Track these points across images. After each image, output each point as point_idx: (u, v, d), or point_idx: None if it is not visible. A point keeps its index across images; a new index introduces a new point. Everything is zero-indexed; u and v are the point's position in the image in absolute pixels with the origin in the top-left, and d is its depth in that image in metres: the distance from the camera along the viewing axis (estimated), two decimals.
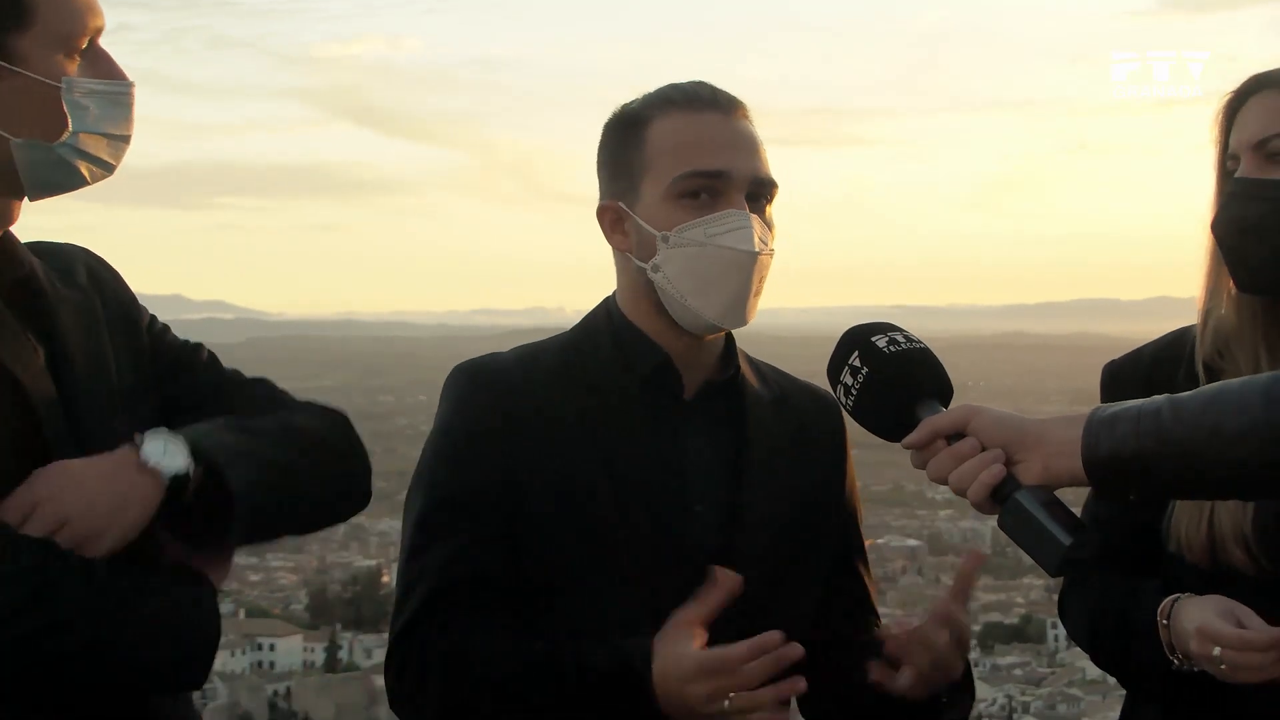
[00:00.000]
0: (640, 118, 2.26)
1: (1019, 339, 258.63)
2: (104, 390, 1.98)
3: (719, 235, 2.19)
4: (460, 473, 2.21)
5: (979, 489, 1.88)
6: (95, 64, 1.93)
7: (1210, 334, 2.40)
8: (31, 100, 1.87)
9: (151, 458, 1.84)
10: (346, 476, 2.10)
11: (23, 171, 1.89)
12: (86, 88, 1.90)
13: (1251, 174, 2.31)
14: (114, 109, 1.93)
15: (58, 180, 1.93)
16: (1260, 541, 2.25)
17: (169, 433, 1.87)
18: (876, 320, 2.04)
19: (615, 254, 2.31)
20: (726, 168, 2.20)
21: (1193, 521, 2.30)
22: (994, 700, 60.87)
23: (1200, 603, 2.22)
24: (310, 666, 73.23)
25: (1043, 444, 1.88)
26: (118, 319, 2.07)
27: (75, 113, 1.89)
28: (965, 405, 1.96)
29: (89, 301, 2.03)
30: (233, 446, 1.92)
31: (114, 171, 1.97)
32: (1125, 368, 2.51)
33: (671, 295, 2.22)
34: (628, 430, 2.22)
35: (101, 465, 1.84)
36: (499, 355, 2.31)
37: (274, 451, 1.96)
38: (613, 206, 2.27)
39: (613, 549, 2.18)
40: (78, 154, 1.91)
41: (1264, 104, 2.34)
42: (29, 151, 1.88)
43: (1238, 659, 2.13)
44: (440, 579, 2.18)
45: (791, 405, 2.36)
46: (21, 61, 1.86)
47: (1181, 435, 1.82)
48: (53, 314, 1.96)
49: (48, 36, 1.87)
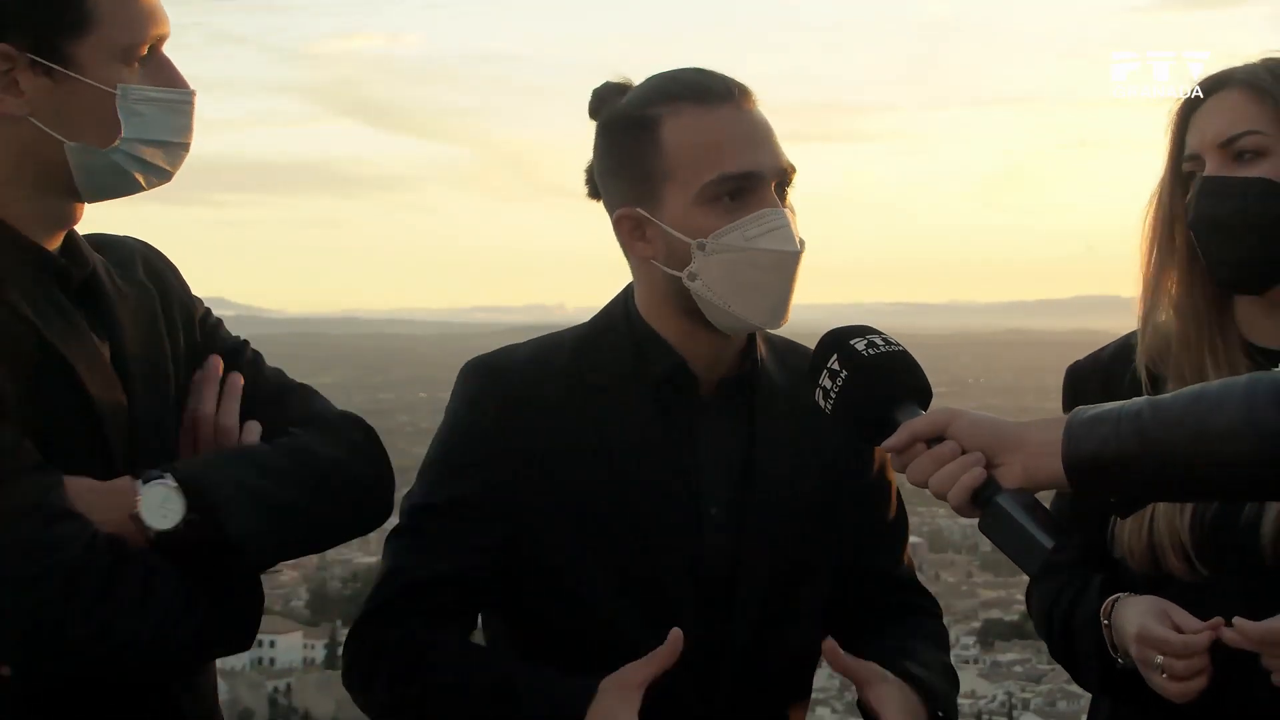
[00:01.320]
0: (649, 119, 2.16)
1: (1019, 335, 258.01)
2: (160, 388, 2.00)
3: (758, 238, 2.12)
4: (466, 471, 2.18)
5: (959, 492, 1.88)
6: (156, 72, 1.94)
7: (1150, 338, 2.42)
8: (87, 106, 1.89)
9: (145, 512, 1.84)
10: (358, 506, 2.07)
11: (77, 175, 1.92)
12: (143, 95, 1.92)
13: (1218, 173, 2.32)
14: (171, 116, 1.95)
15: (112, 185, 1.95)
16: (1196, 548, 2.27)
17: (170, 484, 1.86)
18: (857, 323, 2.03)
19: (635, 261, 2.23)
20: (756, 168, 2.13)
21: (1134, 529, 2.33)
22: (994, 697, 60.78)
23: (1136, 604, 2.26)
24: (310, 663, 73.21)
25: (1023, 446, 1.89)
26: (174, 314, 2.09)
27: (130, 120, 1.91)
28: (944, 408, 1.96)
29: (147, 297, 2.05)
30: (237, 490, 1.91)
31: (171, 178, 1.99)
32: (1085, 368, 2.53)
33: (712, 303, 2.15)
34: (639, 432, 2.19)
35: (95, 500, 1.83)
36: (512, 352, 2.26)
37: (282, 492, 1.94)
38: (632, 214, 2.18)
39: (618, 555, 2.16)
40: (132, 160, 1.93)
41: (1226, 103, 2.34)
42: (83, 156, 1.91)
43: (1179, 666, 2.17)
44: (416, 572, 2.16)
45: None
46: (79, 68, 1.88)
47: (1162, 437, 1.82)
48: (114, 312, 1.99)
49: (106, 44, 1.89)
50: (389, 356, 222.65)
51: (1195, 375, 2.30)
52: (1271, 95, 2.31)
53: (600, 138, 2.24)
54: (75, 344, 1.90)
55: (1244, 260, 2.32)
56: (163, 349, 2.03)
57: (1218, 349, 2.36)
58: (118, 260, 2.07)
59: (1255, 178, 2.29)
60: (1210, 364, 2.33)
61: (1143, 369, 2.40)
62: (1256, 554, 2.24)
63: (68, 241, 1.99)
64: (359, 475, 2.05)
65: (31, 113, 1.89)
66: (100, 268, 2.02)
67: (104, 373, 1.92)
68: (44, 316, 1.88)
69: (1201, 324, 2.38)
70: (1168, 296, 2.41)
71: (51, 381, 1.86)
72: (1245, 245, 2.31)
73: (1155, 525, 2.30)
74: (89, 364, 1.90)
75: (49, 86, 1.88)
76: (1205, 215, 2.33)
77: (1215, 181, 2.33)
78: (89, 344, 1.92)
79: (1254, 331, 2.38)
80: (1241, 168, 2.31)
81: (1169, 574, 2.30)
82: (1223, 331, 2.38)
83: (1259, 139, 2.30)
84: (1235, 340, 2.38)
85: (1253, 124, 2.31)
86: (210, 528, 1.87)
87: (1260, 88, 2.31)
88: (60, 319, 1.91)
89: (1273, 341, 2.37)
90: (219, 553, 1.88)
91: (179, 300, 2.12)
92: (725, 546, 2.19)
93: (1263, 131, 2.30)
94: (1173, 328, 2.40)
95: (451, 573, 2.17)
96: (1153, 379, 2.38)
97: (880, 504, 2.38)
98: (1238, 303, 2.39)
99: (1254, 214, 2.29)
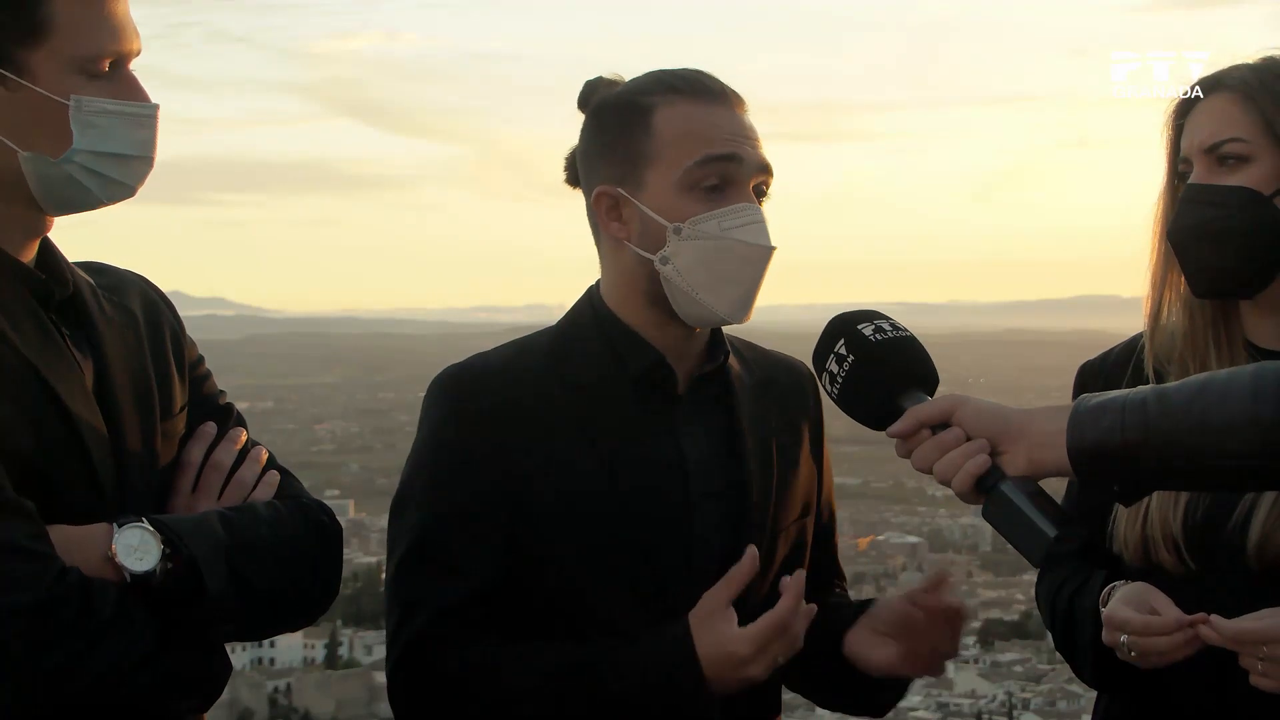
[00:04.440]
0: (643, 104, 2.19)
1: (1019, 335, 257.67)
2: (144, 414, 1.99)
3: (734, 229, 2.15)
4: (457, 485, 2.16)
5: (964, 479, 1.89)
6: (119, 87, 1.93)
7: (1158, 338, 2.42)
8: (38, 115, 1.88)
9: (121, 554, 1.84)
10: (310, 599, 2.06)
11: (33, 185, 1.90)
12: (99, 107, 1.90)
13: (1203, 179, 2.32)
14: (131, 130, 1.93)
15: (69, 197, 1.93)
16: (1188, 542, 2.28)
17: (148, 527, 1.86)
18: (863, 309, 2.03)
19: (606, 241, 2.24)
20: (739, 151, 2.17)
21: (1129, 521, 2.33)
22: (994, 697, 60.72)
23: (1123, 590, 2.27)
24: (310, 663, 73.21)
25: (1027, 434, 1.89)
26: (165, 344, 2.07)
27: (84, 131, 1.89)
28: (950, 395, 1.96)
29: (135, 324, 2.04)
30: (214, 548, 1.90)
31: (134, 193, 1.97)
32: (1093, 367, 2.54)
33: (680, 288, 2.17)
34: (624, 432, 2.19)
35: (70, 541, 1.82)
36: (484, 359, 2.25)
37: (250, 565, 1.93)
38: (611, 193, 2.20)
39: (613, 552, 2.16)
40: (86, 172, 1.91)
41: (1215, 107, 2.33)
42: (36, 165, 1.89)
43: (1142, 644, 2.18)
44: (446, 596, 2.13)
45: (773, 382, 2.34)
46: (30, 76, 1.87)
47: (1167, 426, 1.83)
48: (98, 333, 1.97)
49: (63, 54, 1.88)
50: (389, 356, 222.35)
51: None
52: (1257, 102, 2.29)
53: (590, 120, 2.27)
54: (54, 361, 1.89)
55: (1223, 269, 2.31)
56: (148, 372, 2.02)
57: (1222, 349, 2.36)
58: (109, 285, 2.06)
59: (1235, 187, 2.29)
60: (1214, 364, 2.33)
61: (1150, 369, 2.40)
62: (1244, 552, 2.24)
63: (46, 255, 1.98)
64: (316, 566, 2.05)
65: None
66: (86, 288, 2.00)
67: (83, 392, 1.91)
68: (21, 331, 1.87)
69: (1205, 324, 2.38)
70: (1174, 296, 2.41)
71: (30, 399, 1.84)
72: (1223, 254, 2.30)
73: (1149, 518, 2.31)
74: (68, 383, 1.89)
75: (2, 94, 1.87)
76: (1183, 225, 2.33)
77: (1196, 189, 2.32)
78: (68, 362, 1.91)
79: (1256, 333, 2.38)
80: (1225, 174, 2.30)
81: (1160, 567, 2.30)
82: (1227, 332, 2.38)
83: (1242, 146, 2.29)
84: (1239, 341, 2.38)
85: (1237, 131, 2.30)
86: (188, 577, 1.86)
87: (1247, 94, 2.30)
88: (39, 335, 1.89)
89: (1273, 343, 2.36)
90: (192, 604, 1.87)
91: (172, 332, 2.11)
92: (717, 538, 2.20)
93: (1246, 139, 2.29)
94: (1178, 328, 2.41)
95: (476, 591, 2.15)
96: (1160, 379, 2.37)
97: (827, 488, 2.44)
98: (1241, 304, 2.39)
99: (1233, 223, 2.28)
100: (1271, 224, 2.28)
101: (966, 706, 60.94)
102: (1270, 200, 2.28)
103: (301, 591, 2.03)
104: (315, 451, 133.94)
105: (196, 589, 1.87)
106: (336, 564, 2.09)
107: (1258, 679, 2.11)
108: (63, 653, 1.75)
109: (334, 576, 2.09)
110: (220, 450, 2.08)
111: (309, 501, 2.10)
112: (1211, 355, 2.36)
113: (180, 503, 2.02)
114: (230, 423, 2.14)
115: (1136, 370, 2.43)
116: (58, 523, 1.82)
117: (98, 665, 1.78)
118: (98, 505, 1.88)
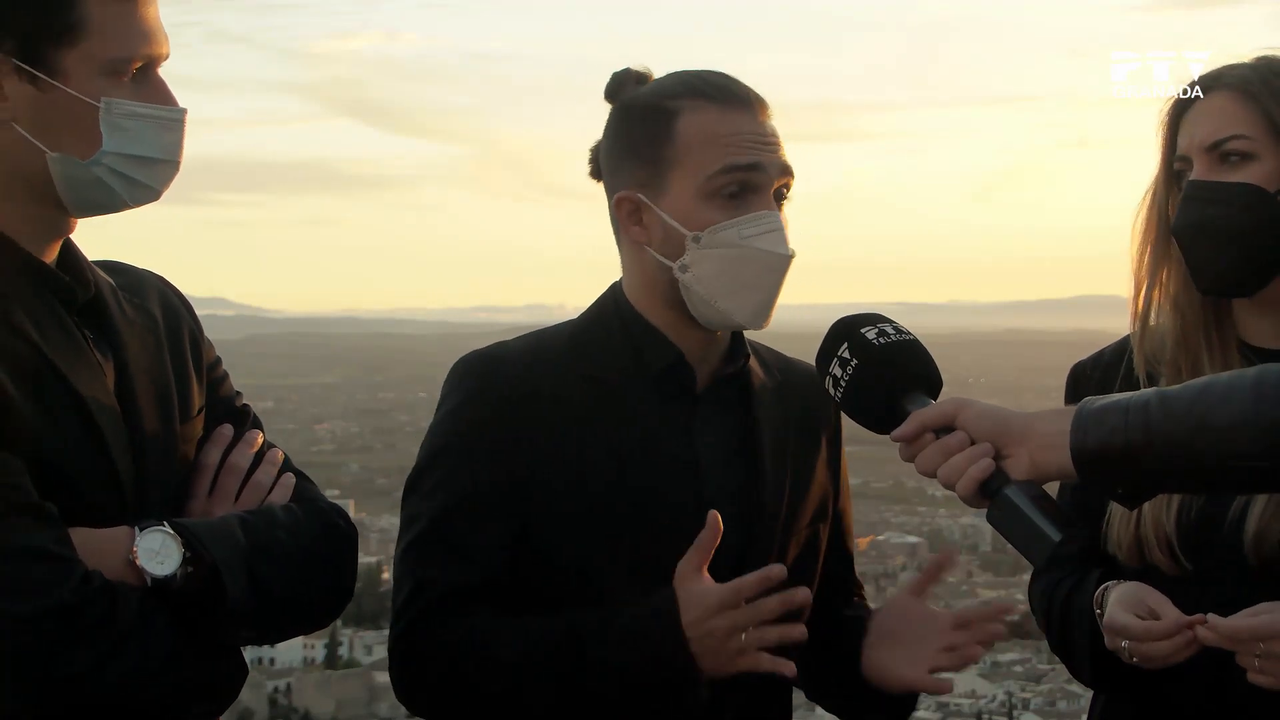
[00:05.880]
0: (667, 109, 2.20)
1: (1019, 335, 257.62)
2: (164, 417, 1.99)
3: (753, 237, 2.17)
4: (473, 471, 2.17)
5: (967, 483, 1.89)
6: (148, 90, 1.93)
7: (1147, 341, 2.42)
8: (69, 116, 1.88)
9: (142, 557, 1.84)
10: (326, 603, 2.07)
11: (60, 187, 1.91)
12: (129, 110, 1.91)
13: (1205, 176, 2.32)
14: (159, 133, 1.94)
15: (96, 199, 1.94)
16: (1181, 543, 2.28)
17: (169, 531, 1.87)
18: (866, 311, 2.04)
19: (628, 245, 2.26)
20: (762, 160, 2.18)
21: (1123, 522, 2.34)
22: (994, 697, 60.66)
23: (1119, 591, 2.27)
24: (310, 663, 73.15)
25: (1031, 437, 1.89)
26: (184, 345, 2.08)
27: (113, 134, 1.90)
28: (954, 398, 1.96)
29: (155, 326, 2.04)
30: (234, 552, 1.90)
31: (159, 197, 1.97)
32: (1086, 368, 2.53)
33: (700, 295, 2.19)
34: (641, 427, 2.20)
35: (91, 544, 1.83)
36: (505, 347, 2.26)
37: (268, 570, 1.94)
38: (632, 198, 2.21)
39: (627, 547, 2.17)
40: (114, 174, 1.92)
41: (1216, 105, 2.33)
42: (64, 167, 1.90)
43: (1143, 649, 2.19)
44: (456, 579, 2.15)
45: (793, 389, 2.35)
46: (63, 77, 1.87)
47: (1170, 429, 1.83)
48: (119, 335, 1.98)
49: (95, 56, 1.88)
50: (389, 356, 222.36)
51: (1192, 375, 2.29)
52: (1259, 100, 2.30)
53: (614, 119, 2.27)
54: (77, 363, 1.89)
55: (1228, 266, 2.31)
56: (167, 374, 2.02)
57: (1214, 349, 2.36)
58: (129, 285, 2.06)
59: (1240, 183, 2.29)
60: (1207, 364, 2.33)
61: (1141, 371, 2.40)
62: (1240, 552, 2.24)
63: (68, 256, 1.98)
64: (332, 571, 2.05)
65: (14, 118, 1.88)
66: (107, 289, 2.01)
67: (105, 395, 1.91)
68: (44, 333, 1.87)
69: (1198, 323, 2.38)
70: (1163, 296, 2.41)
71: (54, 400, 1.85)
72: (1229, 251, 2.30)
73: (1143, 519, 2.31)
74: (90, 385, 1.89)
75: (33, 94, 1.87)
76: (1190, 222, 2.32)
77: (1200, 186, 2.32)
78: (91, 364, 1.91)
79: (1250, 332, 2.38)
80: (1228, 171, 2.30)
81: (1155, 567, 2.31)
82: (1220, 331, 2.38)
83: (1246, 143, 2.29)
84: (1232, 340, 2.38)
85: (1240, 128, 2.30)
86: (209, 581, 1.87)
87: (1249, 92, 2.30)
88: (62, 337, 1.90)
89: (1268, 342, 2.36)
90: (212, 609, 1.88)
91: (190, 334, 2.11)
92: (731, 537, 2.19)
93: (1250, 136, 2.29)
94: (1169, 328, 2.40)
95: (483, 581, 2.16)
96: (1150, 380, 2.37)
97: (844, 497, 2.45)
98: (1234, 303, 2.39)
99: (1238, 220, 2.28)
100: (1275, 221, 2.28)
101: (966, 706, 60.88)
102: (1274, 197, 2.29)
103: (317, 596, 2.04)
104: (315, 451, 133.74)
105: (216, 593, 1.87)
106: (352, 568, 2.10)
107: (1255, 676, 2.13)
108: (85, 657, 1.75)
109: (349, 581, 2.09)
110: (237, 453, 2.08)
111: (325, 505, 2.10)
112: (1204, 356, 2.35)
113: (197, 506, 2.03)
114: (247, 425, 2.14)
115: (1128, 374, 2.42)
116: (78, 523, 1.82)
117: (119, 670, 1.78)
118: (118, 507, 1.89)
